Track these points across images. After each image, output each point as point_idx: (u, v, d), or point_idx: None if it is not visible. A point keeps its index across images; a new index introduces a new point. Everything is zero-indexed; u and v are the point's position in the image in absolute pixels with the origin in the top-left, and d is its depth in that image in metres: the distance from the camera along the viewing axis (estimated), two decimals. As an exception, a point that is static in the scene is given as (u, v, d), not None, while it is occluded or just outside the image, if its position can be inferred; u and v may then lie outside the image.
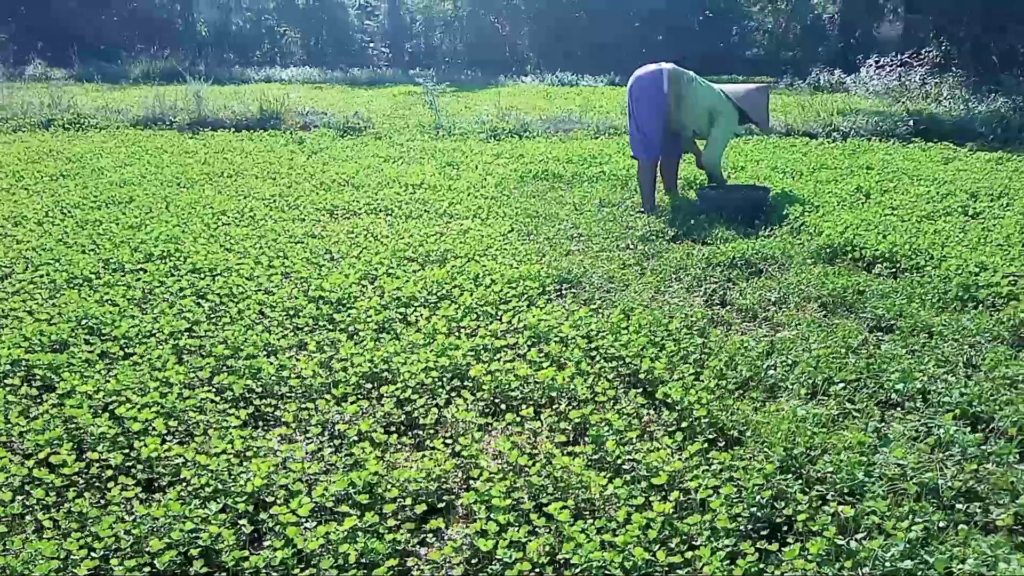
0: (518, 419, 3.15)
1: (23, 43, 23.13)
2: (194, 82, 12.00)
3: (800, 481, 2.71)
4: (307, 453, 2.85)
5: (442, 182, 7.67)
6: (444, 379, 3.47)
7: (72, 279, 4.63)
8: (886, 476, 2.71)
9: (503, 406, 3.30)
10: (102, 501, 2.60)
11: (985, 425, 3.15)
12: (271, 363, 3.51)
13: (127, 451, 2.86)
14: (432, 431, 3.12)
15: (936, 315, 4.27)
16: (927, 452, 2.89)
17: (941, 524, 2.47)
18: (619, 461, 2.83)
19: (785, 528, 2.53)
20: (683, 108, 6.94)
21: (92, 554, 2.30)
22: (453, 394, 3.39)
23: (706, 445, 2.94)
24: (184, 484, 2.66)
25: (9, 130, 10.79)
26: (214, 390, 3.35)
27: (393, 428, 3.15)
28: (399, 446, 3.03)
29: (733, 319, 4.40)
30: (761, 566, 2.31)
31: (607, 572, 2.24)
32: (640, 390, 3.43)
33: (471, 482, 2.72)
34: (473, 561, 2.35)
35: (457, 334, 3.95)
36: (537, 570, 2.29)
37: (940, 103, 14.05)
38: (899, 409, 3.30)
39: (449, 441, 3.00)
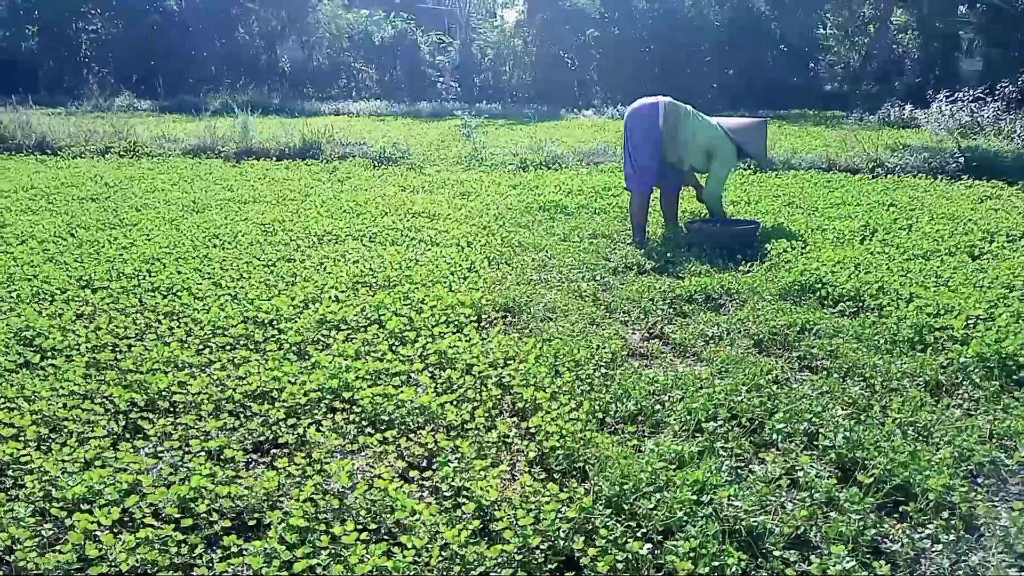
0: (377, 442, 3.15)
1: (120, 77, 24.77)
2: (242, 114, 12.56)
3: (618, 516, 2.62)
4: (148, 466, 2.93)
5: (444, 211, 7.77)
6: (325, 400, 3.50)
7: (37, 294, 4.90)
8: (711, 516, 2.59)
9: (370, 429, 3.30)
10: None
11: (864, 471, 2.97)
12: (167, 378, 3.62)
13: (-13, 454, 3.00)
14: (289, 451, 3.15)
15: (875, 356, 4.06)
16: (769, 493, 2.75)
17: (740, 569, 2.34)
18: (445, 489, 2.80)
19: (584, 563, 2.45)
20: (679, 142, 6.86)
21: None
22: (331, 415, 3.42)
23: (542, 477, 2.88)
24: (21, 488, 2.77)
25: (69, 156, 11.52)
26: (104, 401, 3.48)
27: (253, 446, 3.21)
28: (253, 463, 3.08)
29: (662, 352, 4.30)
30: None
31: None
32: (517, 419, 3.38)
33: (287, 500, 2.73)
34: (251, 578, 2.37)
35: (365, 358, 3.98)
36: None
37: (1012, 139, 13.41)
38: (775, 449, 3.15)
39: (301, 462, 3.02)
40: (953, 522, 2.62)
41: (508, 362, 3.93)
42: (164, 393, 3.52)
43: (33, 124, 12.06)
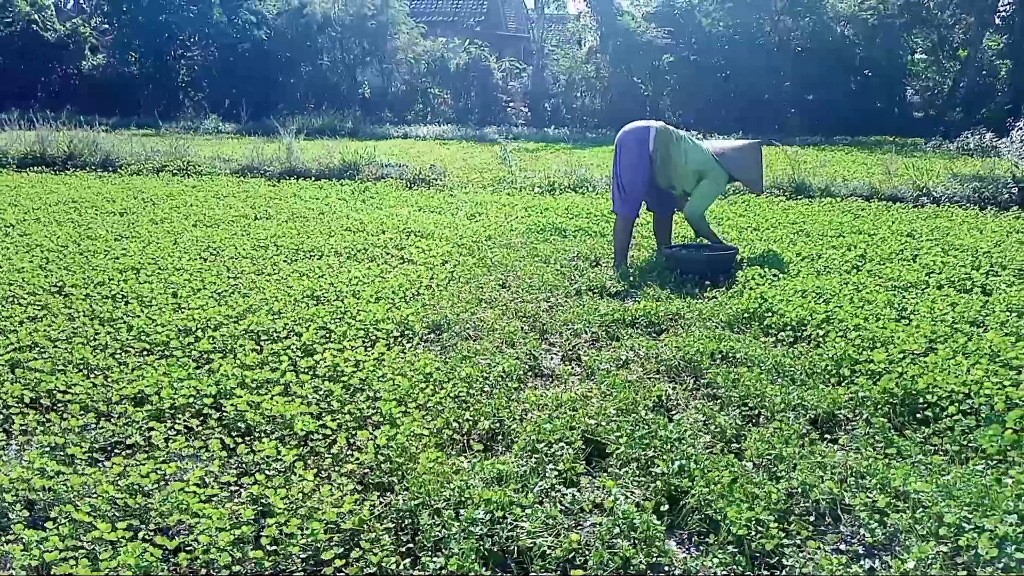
0: (219, 447, 3.23)
1: (212, 102, 26.19)
2: (288, 136, 13.07)
3: (399, 531, 2.61)
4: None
5: (442, 231, 7.86)
6: (196, 406, 3.61)
7: (7, 296, 5.23)
8: (485, 535, 2.54)
9: (222, 434, 3.38)
10: None
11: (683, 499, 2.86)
12: (62, 377, 3.81)
13: None
14: (132, 452, 3.27)
15: (774, 387, 3.88)
16: (566, 517, 2.67)
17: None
18: (245, 495, 2.84)
19: None
20: (670, 167, 6.76)
21: None
22: (194, 419, 3.52)
23: (350, 488, 2.89)
24: None
25: (128, 173, 12.22)
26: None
27: (110, 445, 3.34)
28: (94, 462, 3.20)
29: (572, 374, 4.23)
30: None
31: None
32: (368, 431, 3.40)
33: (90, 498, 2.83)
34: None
35: (261, 367, 4.08)
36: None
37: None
38: (606, 474, 3.06)
39: (132, 462, 3.13)
40: (738, 558, 2.49)
41: (397, 377, 3.95)
42: (52, 391, 3.71)
43: (100, 143, 12.88)
